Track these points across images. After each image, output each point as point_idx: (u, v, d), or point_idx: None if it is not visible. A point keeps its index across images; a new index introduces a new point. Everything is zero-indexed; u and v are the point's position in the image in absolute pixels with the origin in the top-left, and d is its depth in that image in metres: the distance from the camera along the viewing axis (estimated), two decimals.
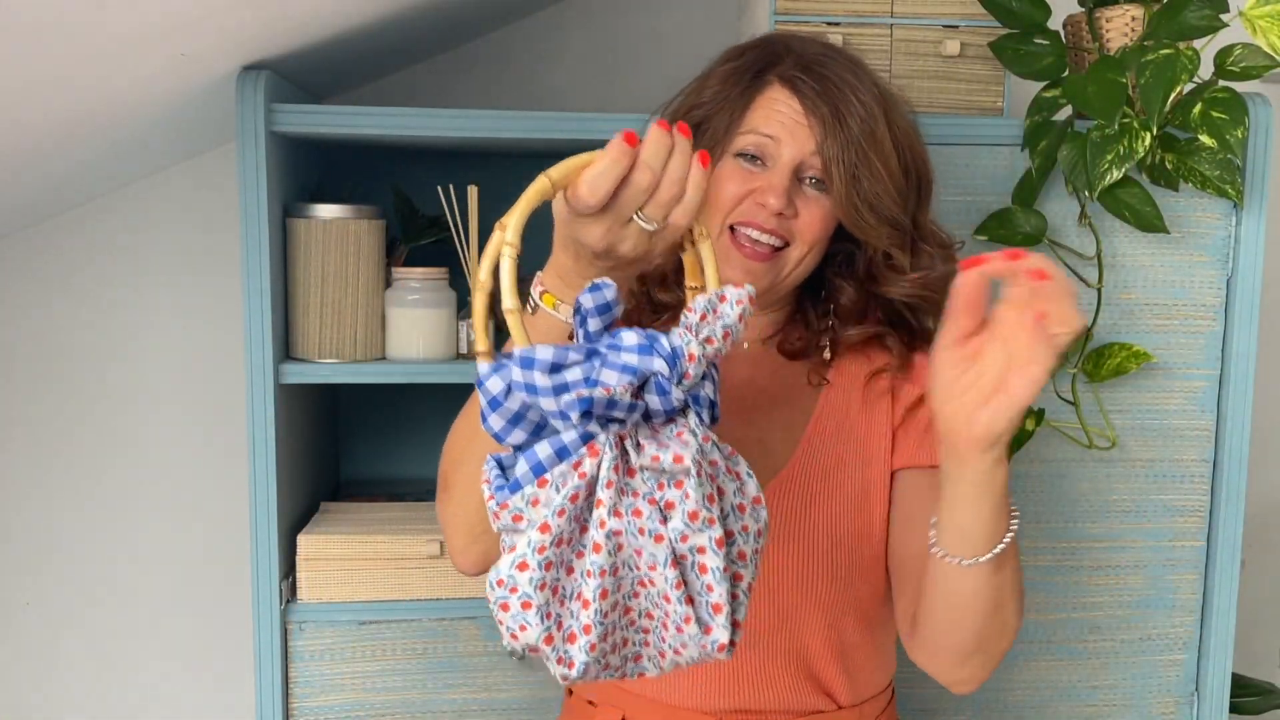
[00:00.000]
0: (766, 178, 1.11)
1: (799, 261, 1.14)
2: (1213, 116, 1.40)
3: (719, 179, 1.13)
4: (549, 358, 0.75)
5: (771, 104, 1.12)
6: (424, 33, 1.71)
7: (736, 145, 1.12)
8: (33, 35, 1.09)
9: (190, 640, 1.95)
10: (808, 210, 1.12)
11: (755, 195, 1.11)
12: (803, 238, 1.12)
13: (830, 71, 1.11)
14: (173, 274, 1.89)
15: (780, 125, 1.11)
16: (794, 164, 1.11)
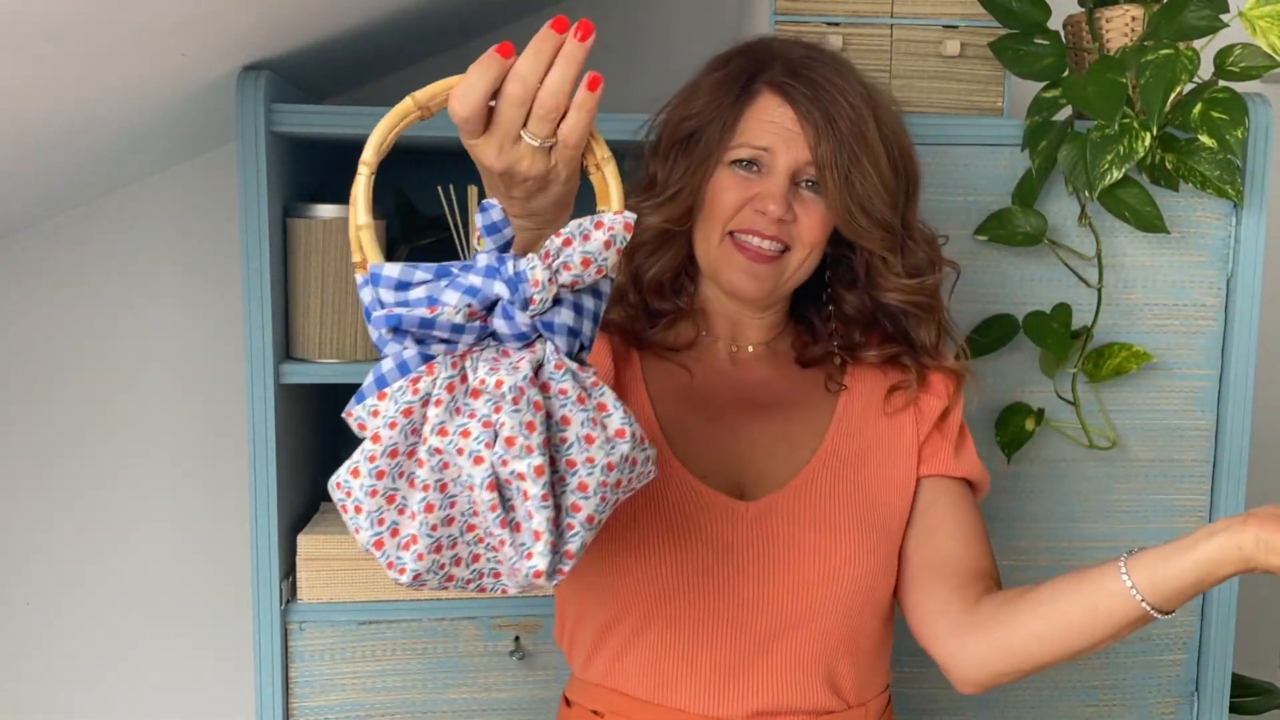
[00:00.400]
0: (764, 184, 1.13)
1: (800, 264, 1.16)
2: (1213, 117, 1.40)
3: (717, 188, 1.14)
4: (395, 275, 0.77)
5: (764, 113, 1.13)
6: (424, 33, 1.71)
7: (731, 155, 1.14)
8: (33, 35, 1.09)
9: (190, 640, 1.95)
10: (806, 214, 1.13)
11: (754, 203, 1.13)
12: (802, 241, 1.14)
13: (818, 75, 1.13)
14: (173, 274, 1.89)
15: (774, 135, 1.12)
16: (790, 170, 1.12)
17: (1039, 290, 1.53)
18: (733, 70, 1.16)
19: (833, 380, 1.23)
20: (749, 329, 1.23)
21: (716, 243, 1.15)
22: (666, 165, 1.18)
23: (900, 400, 1.22)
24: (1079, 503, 1.57)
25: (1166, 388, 1.56)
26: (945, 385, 1.24)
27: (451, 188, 1.57)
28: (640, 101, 1.94)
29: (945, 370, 1.23)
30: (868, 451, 1.20)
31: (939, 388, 1.23)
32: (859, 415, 1.21)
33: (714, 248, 1.15)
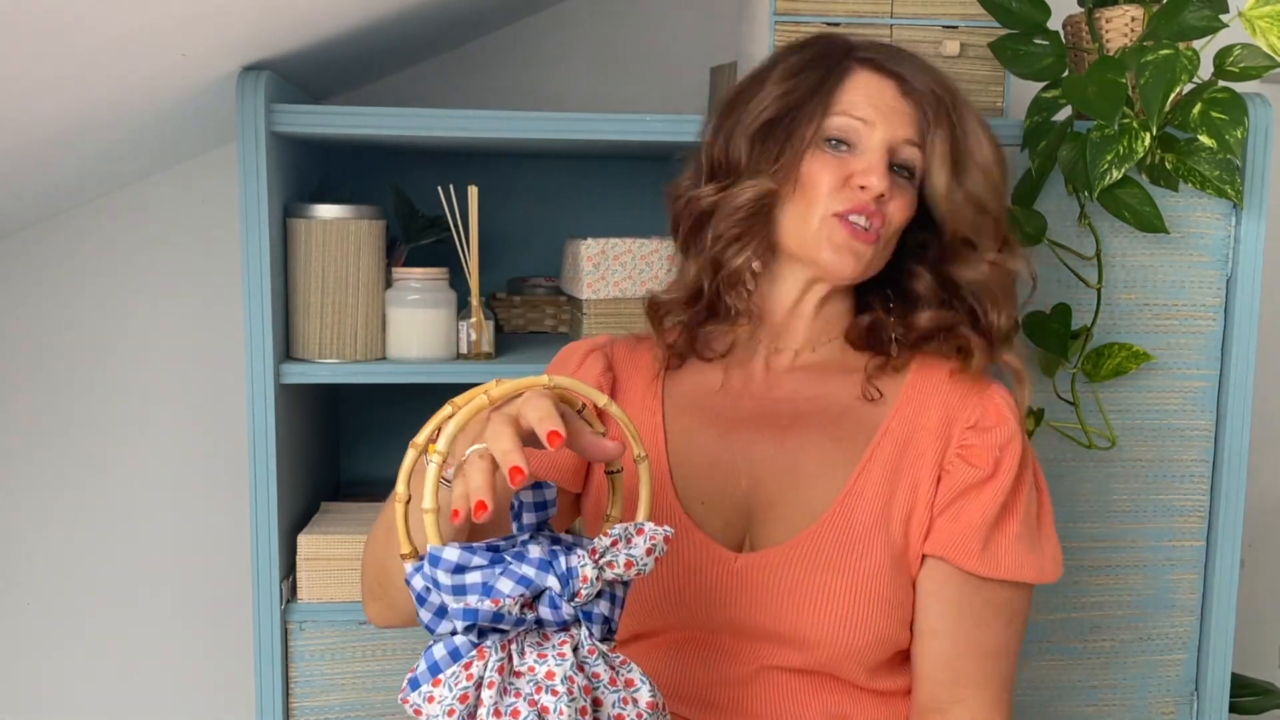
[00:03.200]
0: (863, 160, 1.07)
1: (883, 248, 1.10)
2: (1212, 117, 1.40)
3: (812, 172, 1.08)
4: (454, 559, 0.82)
5: (863, 86, 1.08)
6: (424, 33, 1.71)
7: (825, 130, 1.08)
8: (33, 35, 1.09)
9: (190, 640, 1.95)
10: (895, 196, 1.08)
11: (854, 179, 1.07)
12: (892, 223, 1.09)
13: (907, 58, 1.10)
14: (173, 274, 1.89)
15: (874, 108, 1.07)
16: (887, 146, 1.07)
17: (1039, 290, 1.53)
18: (812, 53, 1.12)
19: (873, 384, 1.12)
20: (799, 327, 1.14)
21: (816, 224, 1.08)
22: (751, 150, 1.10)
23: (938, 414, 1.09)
24: (1079, 503, 1.56)
25: (1166, 388, 1.55)
26: (993, 431, 1.08)
27: (451, 188, 1.57)
28: (641, 102, 1.95)
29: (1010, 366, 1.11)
30: (890, 505, 1.07)
31: (988, 430, 1.08)
32: (898, 447, 1.09)
33: (811, 230, 1.08)
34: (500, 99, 1.92)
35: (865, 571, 1.04)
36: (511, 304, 1.85)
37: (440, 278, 1.54)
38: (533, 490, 0.87)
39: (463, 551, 0.82)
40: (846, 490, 1.07)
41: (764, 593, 1.05)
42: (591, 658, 0.84)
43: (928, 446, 1.08)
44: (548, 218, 1.91)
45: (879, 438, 1.09)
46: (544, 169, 1.90)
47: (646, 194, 1.93)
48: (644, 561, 0.84)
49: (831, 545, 1.05)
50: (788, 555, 1.06)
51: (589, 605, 0.83)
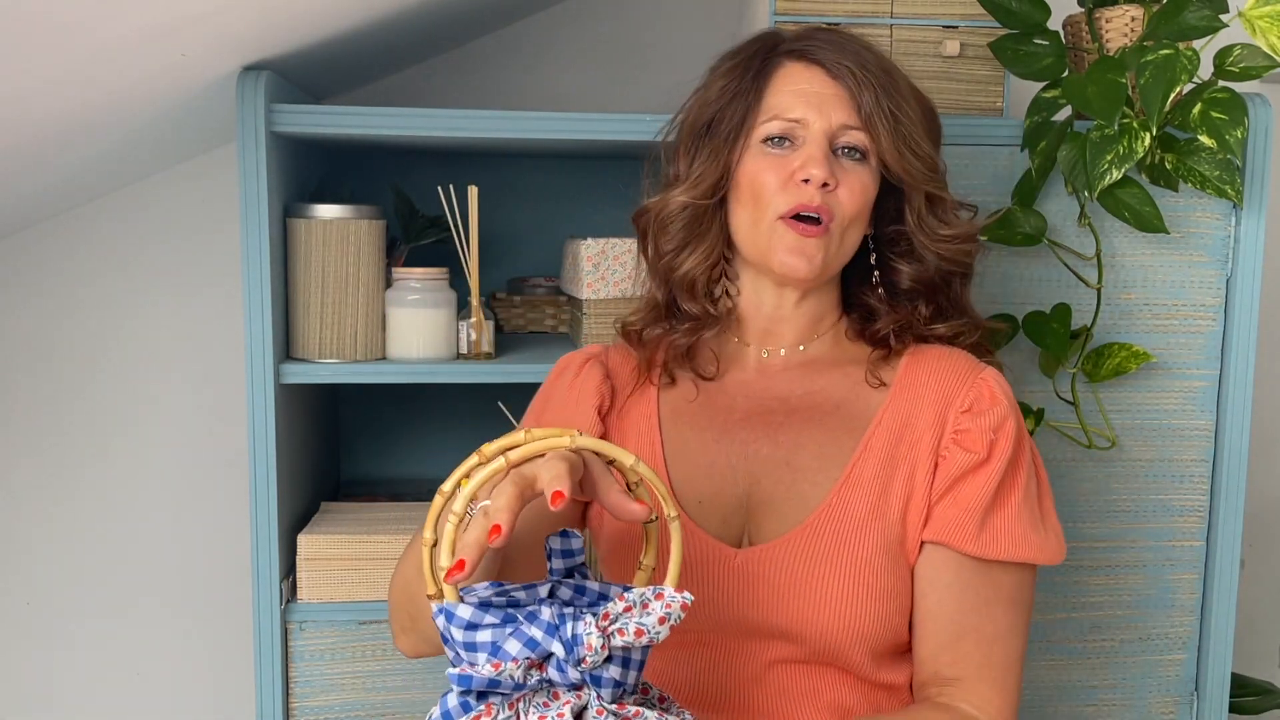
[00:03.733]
0: (803, 153, 1.08)
1: (843, 235, 1.10)
2: (1212, 117, 1.40)
3: (752, 173, 1.09)
4: (466, 617, 0.83)
5: (790, 82, 1.09)
6: (424, 33, 1.71)
7: (760, 133, 1.09)
8: (33, 35, 1.09)
9: (190, 640, 1.95)
10: (846, 182, 1.08)
11: (797, 174, 1.07)
12: (844, 210, 1.09)
13: (833, 34, 1.12)
14: (173, 274, 1.89)
15: (805, 104, 1.08)
16: (827, 135, 1.08)
17: (1039, 290, 1.53)
18: (745, 54, 1.13)
19: (875, 374, 1.13)
20: (785, 328, 1.15)
21: (765, 227, 1.09)
22: (688, 158, 1.14)
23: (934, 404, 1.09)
24: (1079, 503, 1.56)
25: (1166, 388, 1.56)
26: (987, 413, 1.08)
27: (451, 188, 1.57)
28: (641, 101, 1.95)
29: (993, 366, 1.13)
30: (886, 494, 1.07)
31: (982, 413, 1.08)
32: (893, 436, 1.09)
33: (762, 233, 1.09)
34: (500, 99, 1.92)
35: (861, 561, 1.04)
36: (511, 304, 1.85)
37: (440, 278, 1.54)
38: (560, 539, 0.89)
39: (476, 609, 0.83)
40: (842, 481, 1.08)
41: (765, 587, 1.06)
42: (600, 718, 0.83)
43: (924, 434, 1.08)
44: (548, 218, 1.91)
45: (873, 428, 1.09)
46: (544, 169, 1.91)
47: None
48: (656, 630, 0.82)
49: (827, 536, 1.06)
50: (785, 549, 1.06)
51: (597, 670, 0.83)
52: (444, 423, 1.94)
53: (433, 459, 1.95)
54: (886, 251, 1.17)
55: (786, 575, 1.05)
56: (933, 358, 1.13)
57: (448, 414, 1.93)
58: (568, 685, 0.83)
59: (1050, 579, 1.57)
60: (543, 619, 0.83)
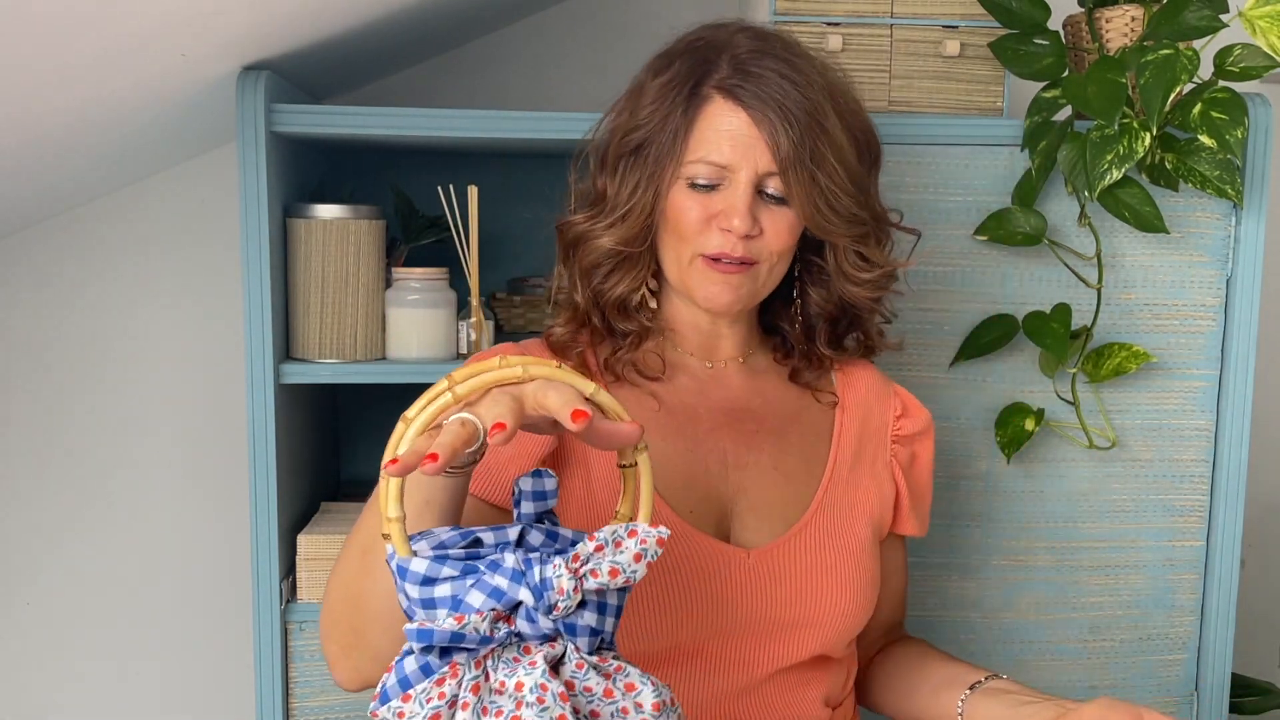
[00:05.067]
0: (726, 198, 1.07)
1: (769, 272, 1.11)
2: (1212, 117, 1.40)
3: (677, 208, 1.08)
4: (421, 571, 0.77)
5: (716, 121, 1.06)
6: (424, 33, 1.71)
7: (687, 172, 1.08)
8: (33, 36, 1.09)
9: (190, 640, 1.95)
10: (772, 223, 1.08)
11: (719, 220, 1.07)
12: (770, 250, 1.09)
13: (768, 68, 1.06)
14: (173, 274, 1.89)
15: (731, 148, 1.06)
16: (752, 182, 1.07)
17: (1039, 290, 1.53)
18: (678, 73, 1.09)
19: (824, 391, 1.20)
20: (725, 343, 1.18)
21: (687, 262, 1.10)
22: (616, 180, 1.11)
23: (877, 414, 1.21)
24: (1079, 503, 1.56)
25: (1166, 388, 1.56)
26: (920, 415, 1.24)
27: (451, 188, 1.57)
28: None
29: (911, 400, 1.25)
30: (863, 486, 1.18)
31: (916, 415, 1.23)
32: (854, 431, 1.20)
33: (684, 267, 1.10)
34: (500, 99, 1.92)
35: (857, 548, 1.14)
36: (511, 304, 1.85)
37: (440, 278, 1.54)
38: (532, 479, 0.83)
39: (432, 563, 0.77)
40: (828, 480, 1.16)
41: (786, 582, 1.10)
42: (580, 672, 0.78)
43: (873, 436, 1.20)
44: (548, 218, 1.91)
45: (838, 433, 1.19)
46: (544, 169, 1.90)
47: None
48: (632, 569, 0.77)
49: (828, 528, 1.13)
50: (795, 544, 1.11)
51: (571, 618, 0.78)
52: None
53: None
54: (801, 272, 1.19)
55: (804, 566, 1.11)
56: (857, 373, 1.23)
57: None
58: (539, 637, 0.78)
59: (1050, 579, 1.57)
60: (507, 566, 0.76)
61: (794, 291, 1.19)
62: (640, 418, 1.09)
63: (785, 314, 1.21)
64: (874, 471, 1.20)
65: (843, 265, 1.14)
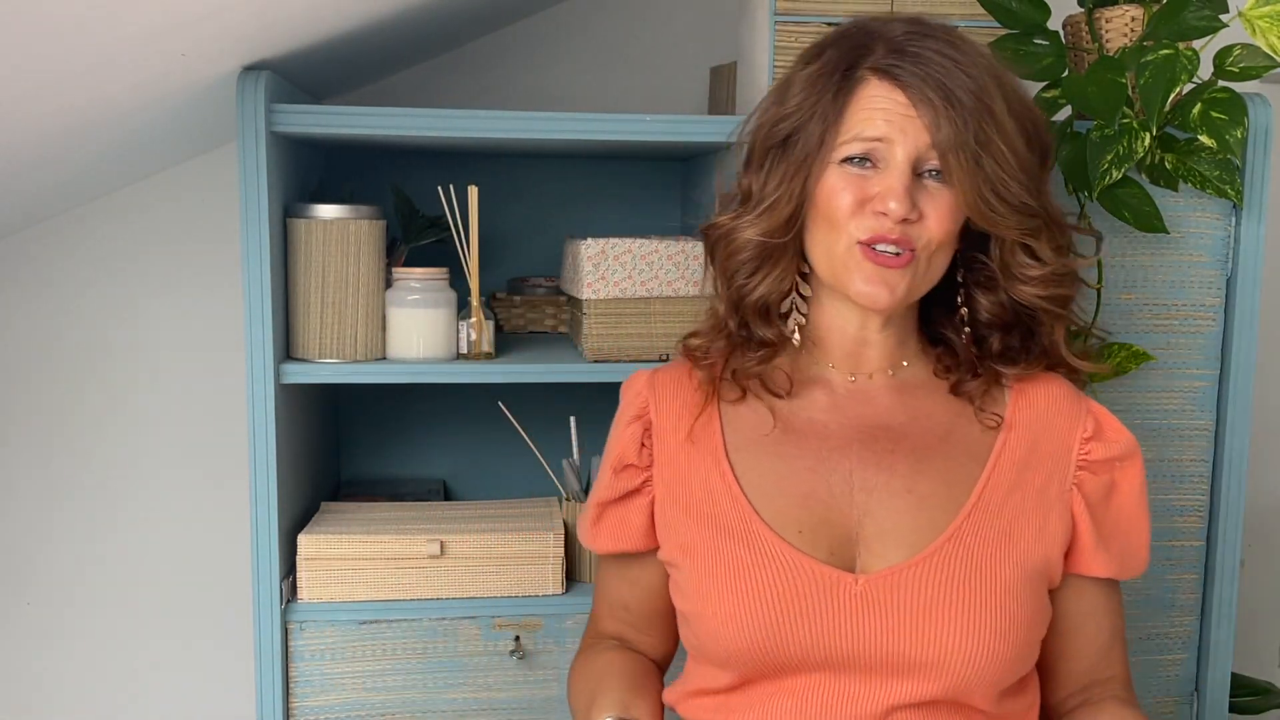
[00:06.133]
0: (882, 180, 1.00)
1: (928, 264, 1.03)
2: (1212, 117, 1.40)
3: (829, 192, 1.01)
4: None
5: (872, 101, 1.00)
6: (424, 33, 1.71)
7: (840, 153, 1.01)
8: (33, 36, 1.09)
9: (190, 640, 1.95)
10: (933, 207, 1.00)
11: (874, 203, 1.00)
12: (929, 237, 1.01)
13: (928, 49, 0.99)
14: (173, 274, 1.89)
15: (886, 123, 0.99)
16: (909, 161, 0.99)
17: None
18: (829, 61, 1.03)
19: (988, 411, 1.08)
20: (872, 353, 1.09)
21: (842, 251, 1.02)
22: (761, 174, 1.06)
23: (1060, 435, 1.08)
24: None
25: (1166, 388, 1.55)
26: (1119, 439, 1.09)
27: (451, 188, 1.57)
28: (640, 102, 1.95)
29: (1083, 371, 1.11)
30: (1022, 515, 1.05)
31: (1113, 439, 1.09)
32: (1019, 453, 1.07)
33: (838, 257, 1.02)
34: (500, 99, 1.92)
35: (998, 588, 1.01)
36: (511, 304, 1.85)
37: (440, 278, 1.54)
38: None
39: None
40: (972, 506, 1.04)
41: (893, 614, 1.00)
42: None
43: (1048, 459, 1.07)
44: (548, 218, 1.91)
45: (998, 452, 1.07)
46: (544, 169, 1.91)
47: (646, 194, 1.93)
48: None
49: (961, 560, 1.02)
50: (916, 572, 1.01)
51: None
52: (444, 423, 1.94)
53: (433, 459, 1.95)
54: (967, 274, 1.09)
55: (918, 600, 1.00)
56: (1039, 389, 1.10)
57: (448, 414, 1.93)
58: None
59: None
60: None
61: (958, 297, 1.10)
62: (751, 437, 1.09)
63: (950, 322, 1.11)
64: (1043, 501, 1.06)
65: (1009, 262, 1.05)
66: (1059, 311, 1.08)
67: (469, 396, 1.86)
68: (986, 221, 1.01)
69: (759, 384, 1.09)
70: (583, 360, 1.55)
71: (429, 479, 1.94)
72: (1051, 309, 1.08)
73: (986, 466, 1.06)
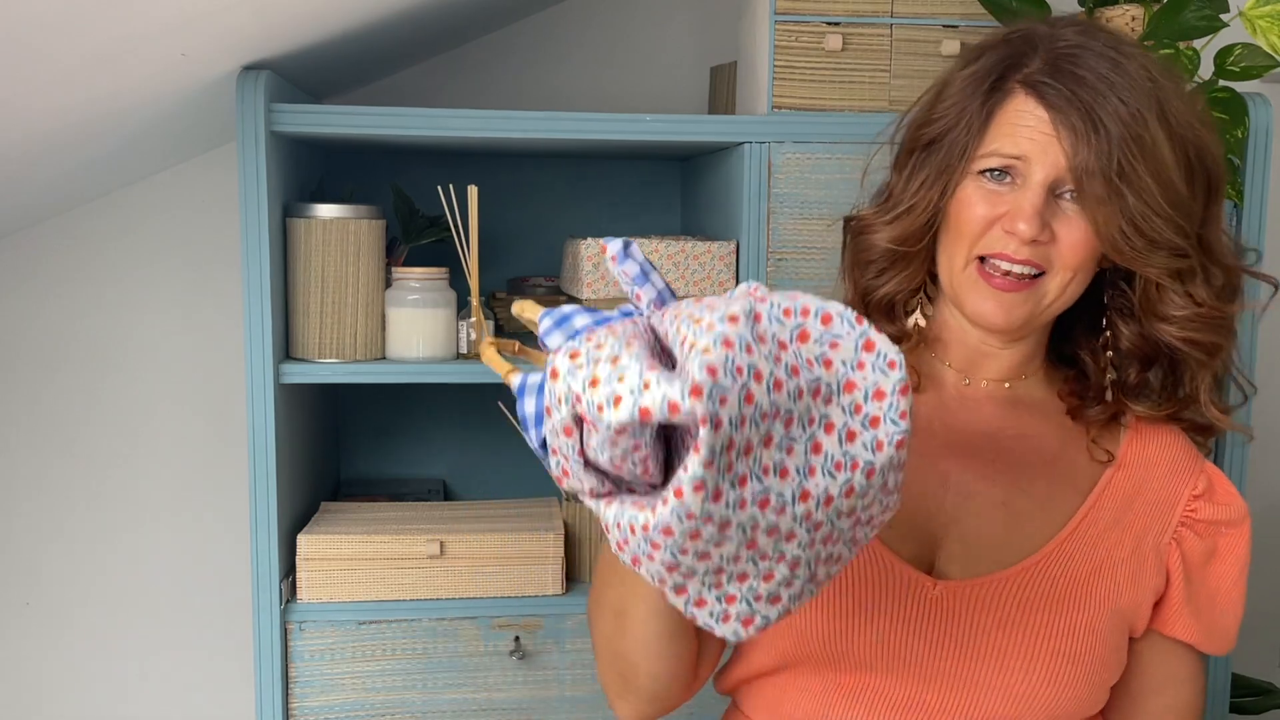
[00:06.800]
0: (1015, 198, 0.96)
1: (1061, 290, 0.98)
2: (1213, 116, 1.40)
3: (962, 203, 0.99)
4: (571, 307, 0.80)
5: (1016, 117, 0.97)
6: (424, 33, 1.71)
7: (979, 164, 0.98)
8: (33, 36, 1.09)
9: (190, 639, 1.95)
10: (1067, 231, 0.96)
11: (1004, 221, 0.96)
12: (1063, 263, 0.97)
13: (1086, 67, 0.95)
14: (173, 274, 1.89)
15: (1029, 141, 0.95)
16: (1047, 182, 0.95)
17: None
18: (985, 65, 1.00)
19: (1100, 444, 1.04)
20: (989, 362, 1.05)
21: (961, 266, 0.99)
22: (904, 175, 1.04)
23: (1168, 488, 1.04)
24: None
25: None
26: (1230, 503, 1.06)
27: (451, 188, 1.57)
28: (641, 102, 1.95)
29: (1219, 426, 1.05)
30: (1116, 553, 1.02)
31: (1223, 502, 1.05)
32: (1125, 492, 1.03)
33: (958, 271, 1.00)
34: (500, 99, 1.92)
35: (1083, 620, 0.99)
36: (511, 304, 1.85)
37: (440, 278, 1.54)
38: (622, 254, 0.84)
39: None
40: (1069, 532, 1.01)
41: (965, 627, 0.98)
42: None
43: (1153, 509, 1.04)
44: (548, 218, 1.91)
45: (1103, 486, 1.04)
46: (544, 169, 1.91)
47: (646, 194, 1.93)
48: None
49: (1046, 585, 0.99)
50: (996, 588, 0.99)
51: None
52: (444, 423, 1.94)
53: (433, 459, 1.95)
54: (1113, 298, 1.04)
55: (993, 617, 0.98)
56: (1157, 436, 1.07)
57: (448, 414, 1.93)
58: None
59: None
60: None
61: (1103, 320, 1.05)
62: None
63: (1089, 344, 1.06)
64: (1139, 548, 1.03)
65: (1151, 296, 1.00)
66: (1202, 359, 1.02)
67: (469, 396, 1.86)
68: (1122, 257, 0.97)
69: None
70: None
71: (429, 479, 1.94)
72: (1193, 354, 1.01)
73: (1090, 498, 1.03)
